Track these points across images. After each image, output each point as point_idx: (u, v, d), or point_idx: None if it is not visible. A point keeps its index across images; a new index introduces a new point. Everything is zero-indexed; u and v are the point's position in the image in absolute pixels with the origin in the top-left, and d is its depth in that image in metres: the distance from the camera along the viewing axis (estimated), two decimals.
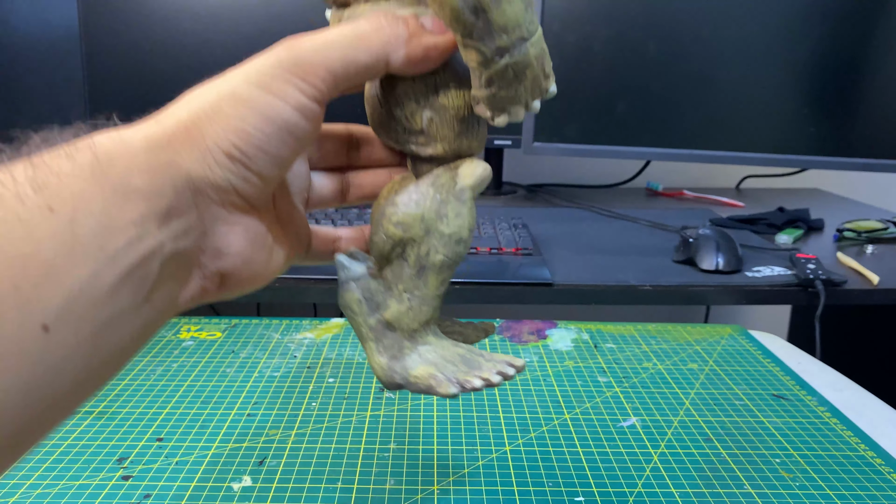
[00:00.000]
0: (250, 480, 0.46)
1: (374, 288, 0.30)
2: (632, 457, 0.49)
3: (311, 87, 0.24)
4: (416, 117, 0.29)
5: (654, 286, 0.80)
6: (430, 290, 0.31)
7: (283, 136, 0.24)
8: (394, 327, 0.30)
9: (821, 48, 0.93)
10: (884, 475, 0.48)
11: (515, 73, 0.27)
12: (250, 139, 0.23)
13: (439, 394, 0.30)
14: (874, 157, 0.94)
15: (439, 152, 0.29)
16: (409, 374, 0.30)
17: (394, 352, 0.31)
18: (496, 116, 0.28)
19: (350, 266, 0.31)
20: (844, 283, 0.81)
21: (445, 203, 0.29)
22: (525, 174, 1.40)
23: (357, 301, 0.30)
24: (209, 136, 0.23)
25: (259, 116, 0.24)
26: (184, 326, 0.69)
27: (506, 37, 0.26)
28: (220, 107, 0.24)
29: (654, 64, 0.96)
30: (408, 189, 0.30)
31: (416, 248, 0.30)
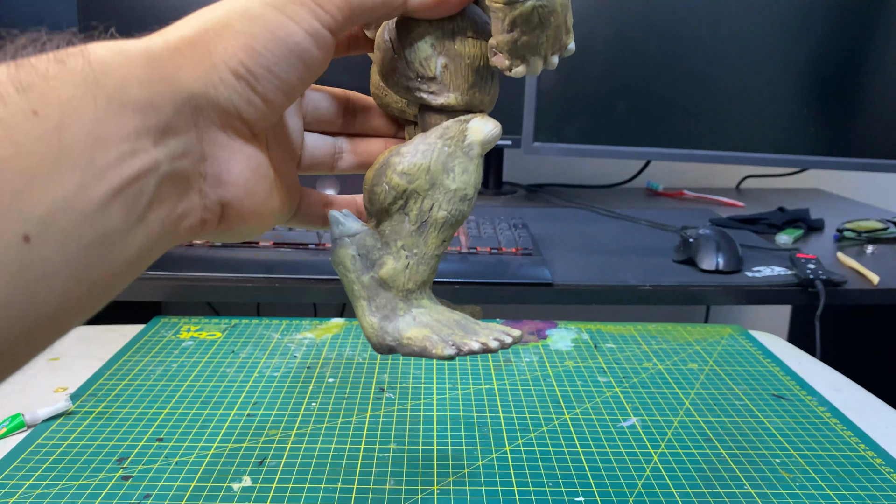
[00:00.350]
0: (250, 480, 0.46)
1: (369, 244, 0.29)
2: (632, 457, 0.49)
3: (326, 14, 0.23)
4: (431, 63, 0.28)
5: (654, 286, 0.80)
6: (429, 249, 0.29)
7: (293, 61, 0.23)
8: (388, 286, 0.29)
9: (821, 48, 0.93)
10: (884, 475, 0.48)
11: (541, 17, 0.26)
12: (259, 58, 0.22)
13: (433, 355, 0.28)
14: (874, 157, 0.94)
15: (451, 102, 0.29)
16: (401, 336, 0.29)
17: (386, 312, 0.29)
18: (514, 66, 0.27)
19: (345, 221, 0.29)
20: (844, 283, 0.81)
21: (453, 157, 0.28)
22: (525, 174, 1.40)
23: (351, 257, 0.29)
24: (216, 52, 0.22)
25: (270, 36, 0.22)
26: (184, 326, 0.69)
27: None
28: (230, 22, 0.22)
29: (654, 64, 0.96)
30: (415, 140, 0.29)
31: (419, 202, 0.28)
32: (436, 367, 0.62)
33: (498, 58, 0.27)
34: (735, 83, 0.95)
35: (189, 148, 0.22)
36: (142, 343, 0.66)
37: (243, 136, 0.24)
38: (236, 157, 0.24)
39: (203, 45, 0.22)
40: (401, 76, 0.29)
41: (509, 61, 0.27)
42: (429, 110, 0.29)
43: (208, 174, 0.23)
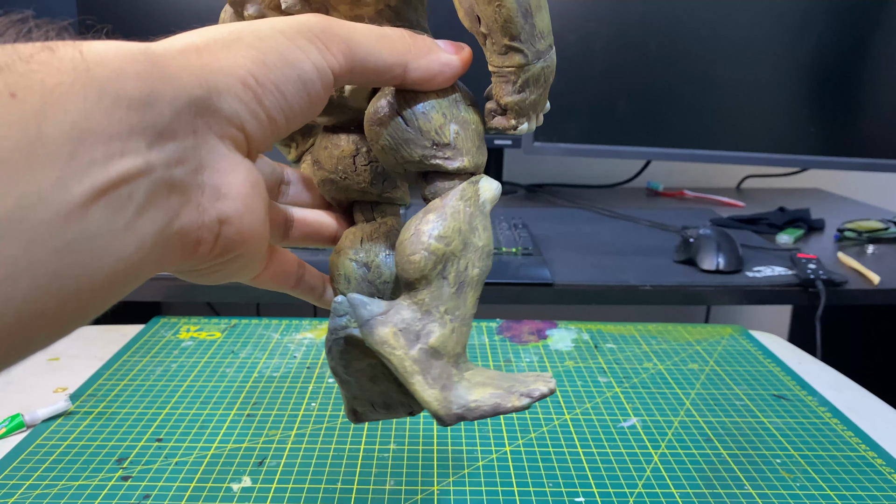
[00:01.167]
0: (250, 481, 0.46)
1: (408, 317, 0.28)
2: (632, 457, 0.49)
3: (332, 56, 0.23)
4: (446, 130, 0.29)
5: (654, 286, 0.80)
6: (468, 309, 0.29)
7: (299, 87, 0.23)
8: (440, 354, 0.28)
9: (821, 48, 0.93)
10: (884, 475, 0.48)
11: (545, 77, 0.28)
12: (268, 72, 0.22)
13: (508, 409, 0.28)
14: (874, 156, 0.94)
15: (466, 165, 0.30)
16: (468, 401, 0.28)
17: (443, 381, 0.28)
18: (519, 123, 0.29)
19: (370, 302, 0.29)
20: (845, 284, 0.81)
21: (475, 216, 0.29)
22: (525, 174, 1.40)
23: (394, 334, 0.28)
24: (224, 59, 0.21)
25: (280, 56, 0.22)
26: (183, 326, 0.69)
27: (544, 41, 0.27)
28: (241, 37, 0.22)
29: (654, 64, 0.96)
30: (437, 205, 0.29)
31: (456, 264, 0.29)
32: None
33: (499, 120, 0.29)
34: (735, 83, 0.95)
35: (186, 155, 0.20)
36: (141, 343, 0.65)
37: (241, 151, 0.23)
38: (236, 170, 0.22)
39: (209, 53, 0.21)
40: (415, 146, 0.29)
41: (515, 121, 0.29)
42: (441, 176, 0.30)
43: (207, 185, 0.21)
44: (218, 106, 0.21)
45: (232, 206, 0.22)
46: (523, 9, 0.26)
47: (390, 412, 0.33)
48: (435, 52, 0.27)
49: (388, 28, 0.27)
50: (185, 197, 0.21)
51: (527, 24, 0.27)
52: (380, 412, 0.33)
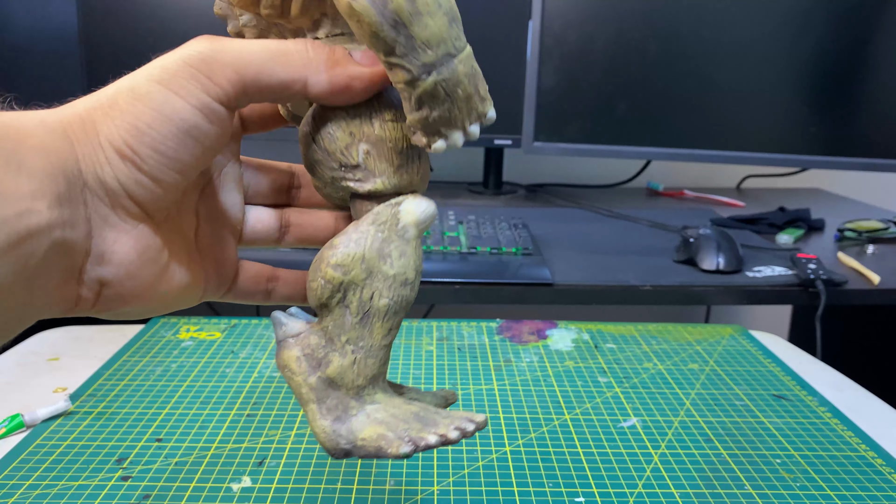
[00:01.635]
0: (250, 480, 0.46)
1: (314, 343, 0.28)
2: (632, 457, 0.49)
3: (217, 87, 0.23)
4: (352, 150, 0.27)
5: (654, 286, 0.80)
6: (375, 340, 0.28)
7: (182, 138, 0.23)
8: (337, 385, 0.27)
9: (821, 48, 0.93)
10: (884, 475, 0.48)
11: (446, 91, 0.25)
12: (143, 137, 0.22)
13: (390, 455, 0.27)
14: (875, 156, 0.94)
15: (378, 188, 0.28)
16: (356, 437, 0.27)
17: (338, 413, 0.27)
18: (432, 142, 0.26)
19: (287, 322, 0.28)
20: (845, 283, 0.81)
21: (388, 242, 0.27)
22: (525, 174, 1.40)
23: (296, 359, 0.27)
24: (102, 131, 0.22)
25: (155, 114, 0.22)
26: (183, 327, 0.69)
27: (431, 52, 0.24)
28: (116, 101, 0.22)
29: (654, 64, 0.96)
30: (347, 230, 0.28)
31: (359, 293, 0.27)
32: (435, 369, 0.62)
33: (416, 136, 0.27)
34: (735, 83, 0.95)
35: (78, 221, 0.22)
36: (141, 343, 0.65)
37: (135, 217, 0.23)
38: (122, 238, 0.23)
39: (90, 124, 0.22)
40: (324, 167, 0.28)
41: (426, 138, 0.26)
42: (358, 198, 0.28)
43: (92, 251, 0.23)
44: (102, 179, 0.22)
45: (113, 271, 0.23)
46: (389, 21, 0.23)
47: None
48: (342, 65, 0.26)
49: (289, 42, 0.25)
50: (72, 258, 0.22)
51: (400, 37, 0.24)
52: None
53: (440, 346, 0.67)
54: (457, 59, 0.25)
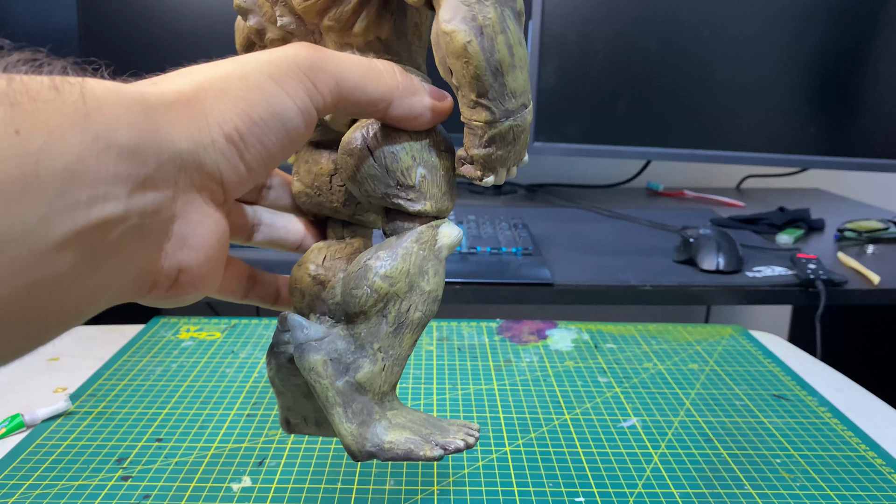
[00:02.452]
0: (250, 480, 0.46)
1: (342, 348, 0.29)
2: (632, 457, 0.49)
3: (318, 95, 0.24)
4: (412, 173, 0.29)
5: (654, 286, 0.80)
6: (404, 350, 0.29)
7: (281, 134, 0.23)
8: (365, 390, 0.29)
9: (821, 48, 0.93)
10: (884, 475, 0.48)
11: (514, 135, 0.28)
12: (253, 126, 0.22)
13: (421, 458, 0.28)
14: (874, 156, 0.94)
15: (427, 209, 0.30)
16: (382, 441, 0.28)
17: (363, 417, 0.29)
18: (485, 175, 0.29)
19: (308, 326, 0.29)
20: (845, 283, 0.81)
21: (427, 260, 0.29)
22: (525, 174, 1.40)
23: (323, 363, 0.28)
24: (212, 113, 0.22)
25: (266, 106, 0.22)
26: (183, 327, 0.69)
27: (514, 101, 0.27)
28: (229, 86, 0.22)
29: (654, 64, 0.96)
30: (391, 244, 0.29)
31: (398, 305, 0.29)
32: (435, 369, 0.62)
33: (467, 168, 0.29)
34: (735, 83, 0.95)
35: (163, 205, 0.21)
36: (141, 343, 0.65)
37: (217, 203, 0.23)
38: (205, 222, 0.23)
39: (199, 104, 0.22)
40: (379, 183, 0.29)
41: (481, 172, 0.29)
42: (401, 216, 0.30)
43: (175, 235, 0.22)
44: (202, 161, 0.21)
45: (193, 256, 0.23)
46: (493, 67, 0.26)
47: (321, 430, 0.33)
48: (420, 94, 0.27)
49: (379, 62, 0.27)
50: (153, 244, 0.21)
51: (496, 83, 0.26)
52: (311, 427, 0.33)
53: (440, 346, 0.67)
54: (528, 109, 0.28)
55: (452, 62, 0.26)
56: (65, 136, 0.18)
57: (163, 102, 0.21)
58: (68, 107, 0.18)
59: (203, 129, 0.21)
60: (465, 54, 0.25)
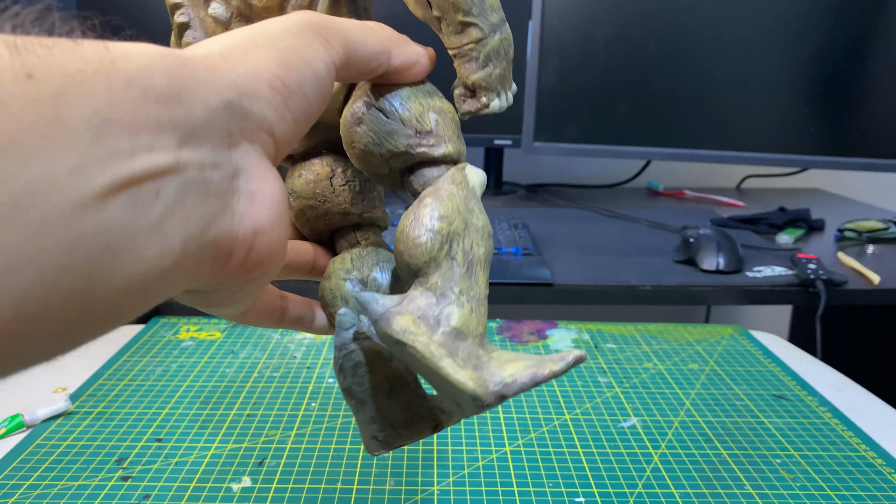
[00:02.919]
0: (250, 480, 0.46)
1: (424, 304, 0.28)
2: (632, 457, 0.49)
3: (334, 50, 0.23)
4: (426, 118, 0.29)
5: (654, 286, 0.80)
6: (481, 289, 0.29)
7: (315, 85, 0.22)
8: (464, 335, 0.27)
9: (821, 48, 0.93)
10: (884, 475, 0.48)
11: (505, 49, 0.29)
12: (292, 73, 0.21)
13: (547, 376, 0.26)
14: (875, 156, 0.94)
15: (450, 150, 0.30)
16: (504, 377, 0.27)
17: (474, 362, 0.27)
18: (490, 100, 0.30)
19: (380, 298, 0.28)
20: (845, 284, 0.81)
21: (469, 199, 0.29)
22: (525, 174, 1.40)
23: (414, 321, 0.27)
24: (249, 62, 0.20)
25: (297, 56, 0.22)
26: (183, 326, 0.69)
27: (495, 14, 0.28)
28: (256, 40, 0.21)
29: (654, 64, 0.96)
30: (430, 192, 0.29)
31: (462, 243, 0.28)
32: None
33: (470, 102, 0.30)
34: (735, 83, 0.95)
35: (222, 159, 0.19)
36: (141, 343, 0.65)
37: (270, 156, 0.22)
38: (269, 176, 0.21)
39: (233, 58, 0.20)
40: (399, 136, 0.29)
41: (486, 98, 0.30)
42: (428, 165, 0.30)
43: (242, 192, 0.20)
44: (249, 110, 0.20)
45: (266, 215, 0.21)
46: None
47: (414, 431, 0.32)
48: (411, 44, 0.28)
49: (370, 21, 0.27)
50: (221, 203, 0.19)
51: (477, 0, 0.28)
52: (403, 433, 0.32)
53: None
54: (506, 24, 0.29)
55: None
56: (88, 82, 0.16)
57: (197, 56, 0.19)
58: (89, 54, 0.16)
59: (244, 77, 0.20)
60: None
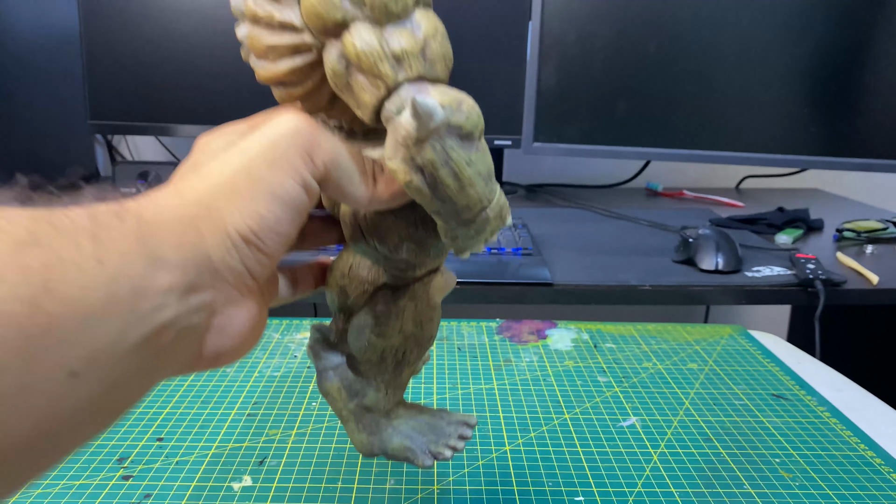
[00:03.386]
0: (250, 480, 0.46)
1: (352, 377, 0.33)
2: (632, 457, 0.49)
3: (315, 167, 0.26)
4: (399, 250, 0.31)
5: (654, 286, 0.80)
6: (403, 380, 0.34)
7: (291, 214, 0.25)
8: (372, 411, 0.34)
9: (821, 48, 0.93)
10: (884, 475, 0.48)
11: (476, 230, 0.29)
12: (263, 222, 0.25)
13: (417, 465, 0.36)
14: (874, 157, 0.94)
15: (418, 275, 0.32)
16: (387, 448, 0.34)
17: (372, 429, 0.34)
18: (459, 254, 0.30)
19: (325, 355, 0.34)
20: (844, 283, 0.81)
21: (421, 312, 0.33)
22: (525, 174, 1.40)
23: (337, 389, 0.33)
24: (228, 220, 0.24)
25: (271, 197, 0.25)
26: None
27: (469, 212, 0.27)
28: (237, 185, 0.25)
29: (654, 64, 0.96)
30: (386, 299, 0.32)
31: (394, 352, 0.33)
32: (435, 368, 0.62)
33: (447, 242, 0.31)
34: (735, 83, 0.95)
35: (204, 304, 0.24)
36: None
37: (251, 291, 0.26)
38: (240, 312, 0.26)
39: (216, 211, 0.24)
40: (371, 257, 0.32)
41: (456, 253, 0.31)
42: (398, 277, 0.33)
43: (214, 327, 0.25)
44: (229, 263, 0.25)
45: (229, 343, 0.26)
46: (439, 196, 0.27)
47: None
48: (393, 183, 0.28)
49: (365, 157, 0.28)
50: (196, 339, 0.25)
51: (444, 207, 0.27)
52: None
53: (440, 345, 0.67)
54: (489, 209, 0.28)
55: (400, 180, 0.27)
56: (131, 260, 0.22)
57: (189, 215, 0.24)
58: (130, 235, 0.22)
59: (224, 238, 0.24)
60: (410, 188, 0.26)
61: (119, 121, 1.04)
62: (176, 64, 1.00)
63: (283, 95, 0.29)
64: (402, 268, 0.32)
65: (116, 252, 0.21)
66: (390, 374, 0.33)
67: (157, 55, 1.00)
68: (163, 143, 1.32)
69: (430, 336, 0.34)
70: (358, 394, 0.33)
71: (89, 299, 0.20)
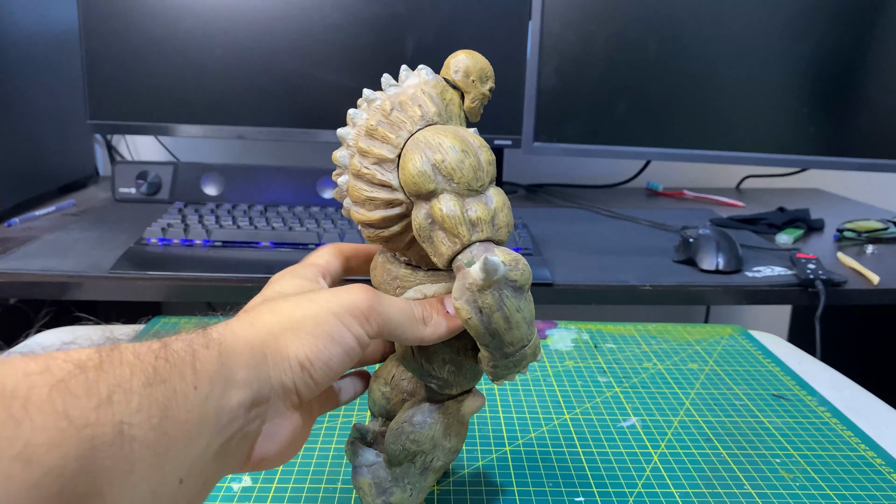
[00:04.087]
0: (250, 480, 0.46)
1: (382, 476, 0.38)
2: (632, 457, 0.49)
3: (370, 328, 0.32)
4: (442, 371, 0.37)
5: (654, 286, 0.80)
6: (427, 484, 0.39)
7: (342, 357, 0.31)
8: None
9: (821, 48, 0.93)
10: (884, 475, 0.48)
11: (514, 363, 0.34)
12: (320, 354, 0.30)
13: None
14: (874, 157, 0.94)
15: (454, 393, 0.38)
16: None
17: None
18: (495, 381, 0.36)
19: (362, 453, 0.39)
20: (845, 283, 0.81)
21: (451, 426, 0.38)
22: (525, 174, 1.40)
23: (369, 485, 0.38)
24: (291, 348, 0.30)
25: (330, 339, 0.31)
26: (183, 326, 0.69)
27: (512, 347, 0.33)
28: (304, 325, 0.31)
29: (654, 64, 0.96)
30: (423, 411, 0.38)
31: (424, 458, 0.38)
32: None
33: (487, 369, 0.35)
34: (735, 83, 0.95)
35: (261, 415, 0.30)
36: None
37: (295, 407, 0.31)
38: (286, 423, 0.31)
39: (283, 342, 0.30)
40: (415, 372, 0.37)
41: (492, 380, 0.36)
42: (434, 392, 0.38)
43: (263, 433, 0.30)
44: (285, 383, 0.30)
45: (273, 448, 0.31)
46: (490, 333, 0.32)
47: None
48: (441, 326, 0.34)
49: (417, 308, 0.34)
50: (250, 443, 0.30)
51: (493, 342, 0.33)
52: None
53: None
54: (528, 346, 0.34)
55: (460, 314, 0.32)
56: (216, 384, 0.27)
57: (260, 343, 0.30)
58: (214, 362, 0.27)
59: (284, 361, 0.30)
60: (468, 325, 0.32)
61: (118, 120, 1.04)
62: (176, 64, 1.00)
63: (371, 235, 0.36)
64: (441, 385, 0.37)
65: (206, 378, 0.26)
66: (416, 477, 0.38)
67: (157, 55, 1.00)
68: (162, 142, 1.32)
69: (456, 449, 0.39)
70: (386, 492, 0.38)
71: (191, 420, 0.25)
